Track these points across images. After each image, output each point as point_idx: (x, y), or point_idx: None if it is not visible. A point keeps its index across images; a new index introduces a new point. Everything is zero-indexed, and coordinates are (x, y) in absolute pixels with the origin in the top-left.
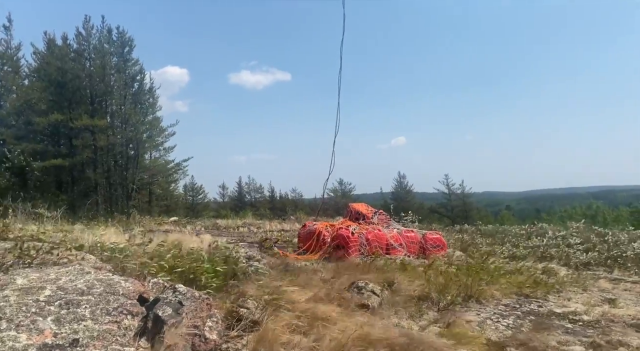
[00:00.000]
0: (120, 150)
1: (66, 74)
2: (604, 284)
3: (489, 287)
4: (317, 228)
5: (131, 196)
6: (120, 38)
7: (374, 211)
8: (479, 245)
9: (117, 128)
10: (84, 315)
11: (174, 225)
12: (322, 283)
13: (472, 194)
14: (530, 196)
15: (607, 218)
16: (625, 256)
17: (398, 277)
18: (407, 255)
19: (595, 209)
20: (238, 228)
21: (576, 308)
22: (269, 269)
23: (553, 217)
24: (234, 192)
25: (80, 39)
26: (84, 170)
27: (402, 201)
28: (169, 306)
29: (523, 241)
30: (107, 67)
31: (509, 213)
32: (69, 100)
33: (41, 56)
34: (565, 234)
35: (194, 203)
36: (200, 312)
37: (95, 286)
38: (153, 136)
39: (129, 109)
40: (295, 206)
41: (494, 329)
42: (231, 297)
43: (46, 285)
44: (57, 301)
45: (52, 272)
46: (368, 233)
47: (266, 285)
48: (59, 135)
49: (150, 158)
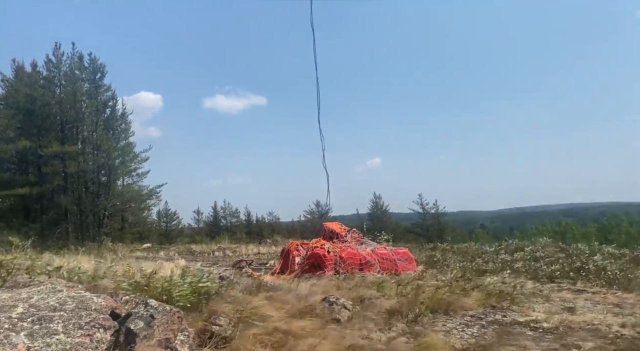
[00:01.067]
0: (91, 176)
1: (35, 101)
2: (566, 295)
3: (456, 300)
4: (286, 247)
5: (103, 223)
6: (92, 64)
7: (347, 229)
8: (449, 261)
9: (89, 154)
10: (57, 329)
11: (147, 251)
12: (295, 300)
13: (447, 213)
14: (504, 214)
15: (576, 234)
16: (587, 268)
17: (369, 293)
18: (380, 271)
19: (564, 226)
20: (213, 252)
21: (537, 316)
22: (242, 288)
23: (525, 234)
24: (209, 217)
25: (50, 65)
26: (53, 197)
27: (379, 221)
28: (140, 320)
29: (492, 257)
30: (78, 94)
31: (483, 231)
32: (38, 127)
33: (9, 83)
34: (532, 249)
35: (167, 230)
36: (172, 325)
37: (67, 302)
38: (126, 162)
39: (100, 135)
40: (272, 229)
41: (459, 338)
42: (203, 315)
43: (18, 303)
44: (30, 318)
45: (24, 292)
46: (342, 251)
47: (238, 303)
48: (27, 162)
49: (123, 184)
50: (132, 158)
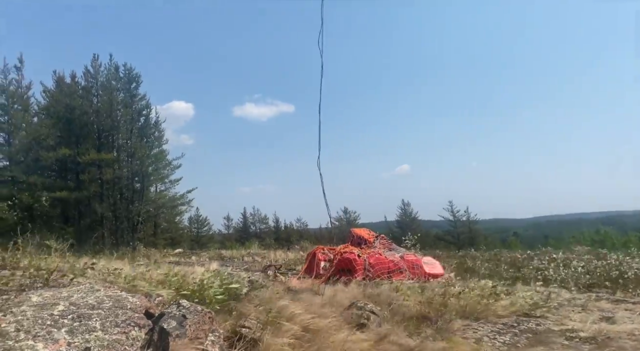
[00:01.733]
0: (126, 183)
1: (74, 110)
2: (604, 305)
3: (488, 307)
4: (312, 251)
5: (137, 229)
6: (127, 74)
7: (375, 235)
8: (480, 268)
9: (124, 161)
10: (95, 326)
11: (178, 256)
12: (322, 304)
13: (479, 221)
14: (539, 222)
15: (616, 243)
16: (626, 277)
17: (398, 298)
18: (409, 278)
19: (603, 234)
20: (243, 258)
21: (573, 326)
22: (270, 292)
23: (561, 243)
24: (239, 223)
25: (88, 76)
26: (90, 203)
27: (408, 229)
28: (173, 320)
29: (526, 264)
30: (114, 103)
31: (516, 239)
32: (76, 135)
33: (50, 94)
34: (569, 257)
35: (198, 235)
36: (203, 325)
37: (104, 301)
38: (159, 169)
39: (135, 143)
40: (300, 236)
41: (491, 346)
42: (233, 317)
43: (59, 301)
44: (70, 315)
45: (65, 291)
46: (370, 257)
47: (267, 305)
48: (67, 170)
49: (156, 190)
50: (164, 166)
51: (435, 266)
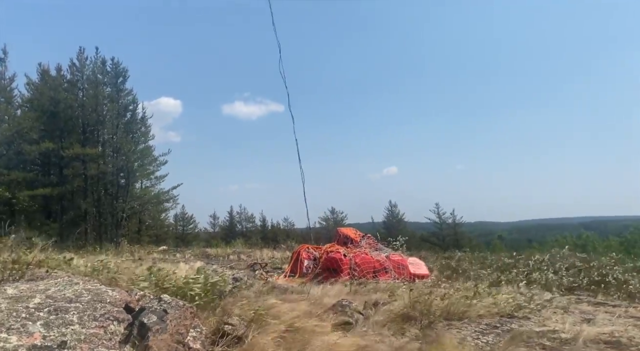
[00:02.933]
0: (110, 178)
1: (59, 103)
2: (585, 307)
3: (471, 308)
4: (296, 250)
5: (121, 225)
6: (114, 69)
7: (362, 235)
8: (465, 269)
9: (109, 157)
10: (72, 320)
11: (163, 253)
12: (307, 302)
13: (464, 224)
14: (522, 226)
15: (597, 248)
16: (608, 281)
17: (383, 298)
18: (395, 278)
19: (585, 239)
20: (228, 256)
21: (555, 327)
22: (255, 290)
23: (544, 247)
24: (225, 222)
25: (74, 69)
26: (73, 199)
27: (394, 230)
28: (154, 314)
29: (510, 266)
30: (100, 97)
31: (500, 242)
32: (60, 129)
33: (34, 87)
34: (551, 260)
35: (184, 233)
36: (184, 320)
37: (83, 295)
38: (144, 165)
39: (120, 138)
40: (286, 235)
41: (474, 345)
42: (216, 314)
43: (36, 294)
44: (47, 308)
45: (42, 284)
46: (356, 256)
47: (251, 303)
48: (50, 164)
49: (141, 187)
50: (150, 162)
51: (420, 267)
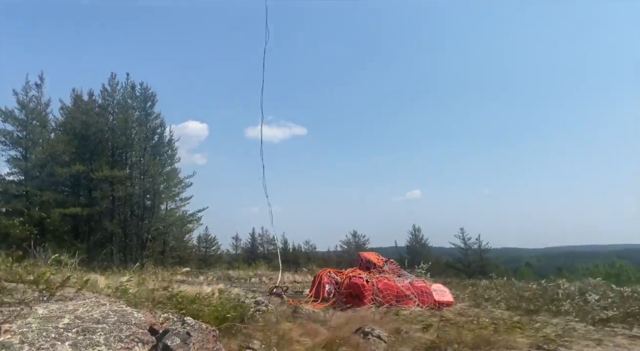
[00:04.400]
0: (137, 200)
1: (90, 127)
2: (620, 340)
3: (500, 338)
4: (318, 274)
5: (145, 246)
6: (143, 93)
7: (384, 260)
8: (493, 297)
9: (136, 179)
10: (99, 341)
11: (186, 275)
12: (329, 328)
13: (490, 250)
14: (551, 253)
15: (632, 278)
16: None
17: (407, 326)
18: (419, 305)
19: (618, 268)
20: (250, 278)
21: None
22: (277, 314)
23: (574, 275)
24: (247, 244)
25: (105, 94)
26: (101, 220)
27: (418, 255)
28: (177, 337)
29: (540, 295)
30: (129, 121)
31: (529, 269)
32: (90, 152)
33: (68, 111)
34: (583, 289)
35: (207, 255)
36: (207, 344)
37: (109, 316)
38: (170, 187)
39: (148, 161)
40: (308, 258)
41: None
42: (238, 338)
43: (65, 314)
44: (75, 329)
45: (70, 304)
46: (378, 282)
47: (272, 328)
48: (79, 185)
49: (167, 208)
50: (176, 184)
51: (445, 294)
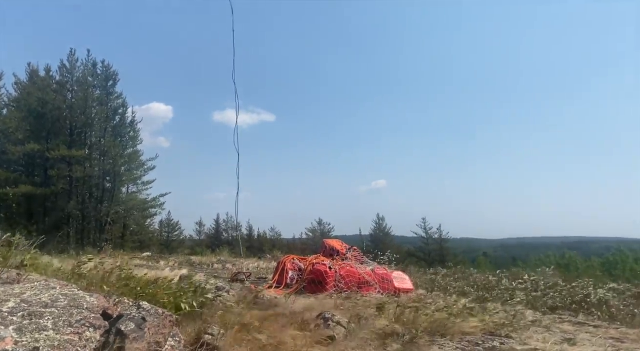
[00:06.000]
0: (96, 182)
1: (46, 104)
2: (567, 327)
3: (455, 324)
4: (282, 260)
5: (104, 229)
6: (104, 71)
7: (348, 247)
8: (450, 286)
9: (95, 160)
10: (46, 325)
11: (146, 260)
12: (290, 314)
13: (450, 239)
14: (507, 244)
15: (580, 268)
16: (589, 301)
17: (366, 312)
18: (380, 292)
19: (568, 258)
20: (212, 264)
21: (536, 345)
22: (237, 300)
23: (528, 265)
24: (211, 229)
25: (64, 70)
26: (57, 201)
27: (380, 243)
28: (131, 321)
29: (495, 284)
30: (89, 99)
31: (485, 259)
32: (47, 130)
33: (22, 86)
34: (534, 278)
35: (168, 240)
36: (163, 329)
37: (59, 299)
38: (131, 169)
39: (108, 141)
40: (272, 245)
41: None
42: (196, 323)
43: (10, 297)
44: (20, 312)
45: (17, 287)
46: (341, 268)
47: (232, 313)
48: (34, 165)
49: (127, 191)
50: (137, 166)
51: (405, 281)
